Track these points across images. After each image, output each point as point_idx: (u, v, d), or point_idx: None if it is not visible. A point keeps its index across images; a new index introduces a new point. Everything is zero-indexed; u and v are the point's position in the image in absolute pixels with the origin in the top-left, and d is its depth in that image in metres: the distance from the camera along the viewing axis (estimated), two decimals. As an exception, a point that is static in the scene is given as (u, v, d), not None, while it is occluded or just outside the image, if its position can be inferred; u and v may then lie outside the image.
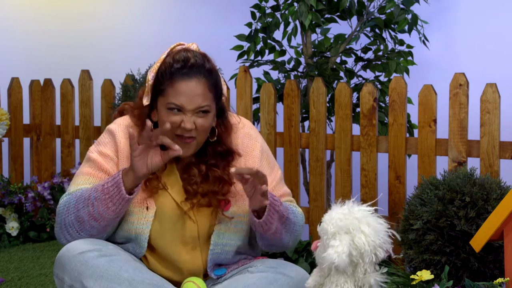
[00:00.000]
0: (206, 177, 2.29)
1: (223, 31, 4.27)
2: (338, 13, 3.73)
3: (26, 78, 4.34)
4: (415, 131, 3.65)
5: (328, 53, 3.75)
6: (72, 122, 4.18)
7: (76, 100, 4.19)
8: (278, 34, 3.89)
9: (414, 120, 3.66)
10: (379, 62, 3.70)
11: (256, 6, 3.73)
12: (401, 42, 3.74)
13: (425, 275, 2.29)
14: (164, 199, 2.29)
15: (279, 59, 3.85)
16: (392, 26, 3.68)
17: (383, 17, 3.68)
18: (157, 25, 4.61)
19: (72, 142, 4.19)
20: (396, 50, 3.71)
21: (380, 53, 3.72)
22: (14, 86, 4.27)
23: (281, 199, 2.37)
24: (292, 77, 3.78)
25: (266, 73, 3.84)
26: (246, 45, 3.81)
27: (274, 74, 3.98)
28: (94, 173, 2.28)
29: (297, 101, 3.52)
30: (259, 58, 3.83)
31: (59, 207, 2.25)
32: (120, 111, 2.41)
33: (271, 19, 3.67)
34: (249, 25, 3.77)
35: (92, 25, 4.75)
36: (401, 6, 3.58)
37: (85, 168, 2.31)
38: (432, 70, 3.94)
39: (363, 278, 2.00)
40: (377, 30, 3.72)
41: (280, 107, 3.73)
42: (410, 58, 3.70)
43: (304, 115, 3.75)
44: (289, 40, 3.74)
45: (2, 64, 4.67)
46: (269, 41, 3.78)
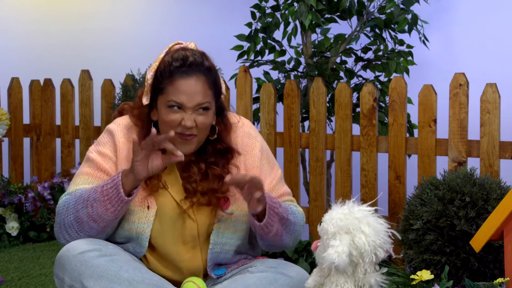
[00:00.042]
0: (206, 175, 2.29)
1: (223, 31, 4.27)
2: (338, 13, 3.73)
3: (26, 78, 4.34)
4: (415, 131, 3.65)
5: (328, 53, 3.75)
6: (72, 122, 4.18)
7: (76, 100, 4.19)
8: (278, 34, 3.89)
9: (414, 120, 3.66)
10: (379, 62, 3.70)
11: (256, 6, 3.73)
12: (401, 42, 3.74)
13: (425, 275, 2.29)
14: (165, 198, 2.29)
15: (279, 59, 3.85)
16: (392, 26, 3.68)
17: (383, 17, 3.68)
18: (157, 25, 4.61)
19: (72, 142, 4.19)
20: (396, 50, 3.71)
21: (380, 53, 3.72)
22: (14, 86, 4.27)
23: (281, 198, 2.37)
24: (292, 77, 3.78)
25: (266, 73, 3.83)
26: (246, 45, 3.81)
27: (274, 74, 3.98)
28: (93, 173, 2.29)
29: (297, 101, 3.52)
30: (259, 58, 3.83)
31: (58, 207, 2.25)
32: (119, 111, 2.41)
33: (271, 19, 3.67)
34: (249, 25, 3.77)
35: (92, 25, 4.75)
36: (401, 6, 3.58)
37: (85, 168, 2.31)
38: (432, 70, 3.94)
39: (363, 278, 2.00)
40: (377, 30, 3.72)
41: (280, 107, 3.73)
42: (410, 58, 3.70)
43: (304, 115, 3.75)
44: (289, 40, 3.73)
45: (2, 64, 4.67)
46: (269, 41, 3.78)
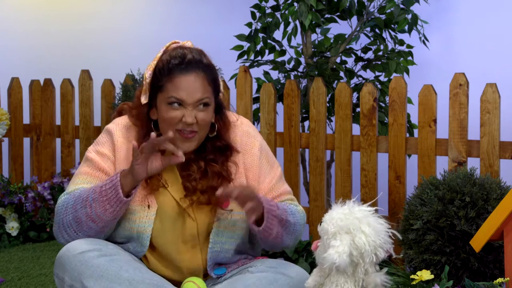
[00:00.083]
0: (205, 173, 2.29)
1: (223, 31, 4.27)
2: (338, 13, 3.73)
3: (26, 78, 4.34)
4: (415, 131, 3.65)
5: (328, 53, 3.75)
6: (72, 122, 4.18)
7: (76, 100, 4.19)
8: (278, 34, 3.89)
9: (414, 120, 3.66)
10: (379, 62, 3.70)
11: (256, 6, 3.73)
12: (401, 42, 3.74)
13: (425, 275, 2.29)
14: (165, 197, 2.29)
15: (279, 59, 3.85)
16: (392, 26, 3.68)
17: (383, 17, 3.68)
18: (157, 25, 4.61)
19: (72, 142, 4.19)
20: (396, 50, 3.71)
21: (380, 53, 3.72)
22: (14, 86, 4.27)
23: (281, 197, 2.37)
24: (292, 77, 3.78)
25: (266, 73, 3.83)
26: (246, 45, 3.81)
27: (274, 74, 3.98)
28: (92, 172, 2.29)
29: (297, 101, 3.52)
30: (259, 58, 3.83)
31: (57, 206, 2.25)
32: (118, 111, 2.42)
33: (271, 19, 3.67)
34: (249, 25, 3.77)
35: (92, 25, 4.75)
36: (401, 6, 3.58)
37: (84, 168, 2.31)
38: (432, 70, 3.94)
39: (368, 277, 2.00)
40: (377, 30, 3.72)
41: (280, 107, 3.72)
42: (410, 58, 3.70)
43: (304, 115, 3.75)
44: (289, 40, 3.73)
45: (2, 64, 4.67)
46: (269, 41, 3.78)
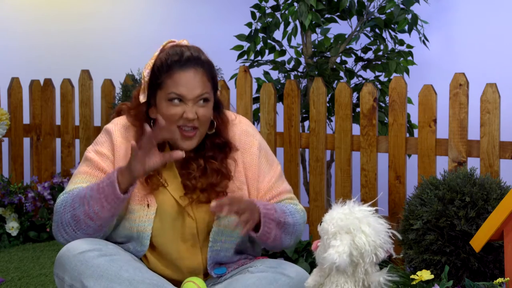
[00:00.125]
0: (205, 171, 2.29)
1: (223, 31, 4.27)
2: (338, 13, 3.73)
3: (26, 78, 4.34)
4: (415, 131, 3.65)
5: (328, 53, 3.75)
6: (72, 122, 4.18)
7: (76, 100, 4.19)
8: (278, 34, 3.89)
9: (414, 120, 3.66)
10: (379, 62, 3.70)
11: (256, 6, 3.73)
12: (401, 42, 3.74)
13: (425, 275, 2.29)
14: (164, 196, 2.29)
15: (279, 59, 3.84)
16: (392, 26, 3.68)
17: (383, 17, 3.68)
18: (157, 25, 4.61)
19: (72, 142, 4.19)
20: (396, 50, 3.71)
21: (380, 53, 3.72)
22: (14, 86, 4.27)
23: (280, 196, 2.38)
24: (292, 77, 3.78)
25: (266, 73, 3.83)
26: (246, 45, 3.81)
27: (274, 74, 3.98)
28: (91, 172, 2.29)
29: (297, 101, 3.52)
30: (259, 58, 3.83)
31: (56, 205, 2.26)
32: (117, 111, 2.42)
33: (271, 19, 3.67)
34: (249, 25, 3.77)
35: (92, 25, 4.75)
36: (401, 6, 3.58)
37: (83, 167, 2.32)
38: (432, 70, 3.94)
39: (371, 276, 2.00)
40: (377, 30, 3.72)
41: (280, 107, 3.72)
42: (410, 58, 3.69)
43: (304, 115, 3.75)
44: (289, 40, 3.73)
45: (2, 64, 4.67)
46: (269, 41, 3.78)
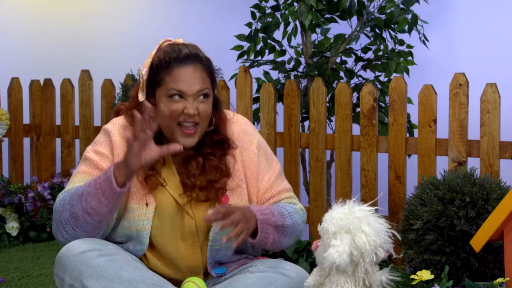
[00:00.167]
0: (204, 168, 2.29)
1: (223, 31, 4.26)
2: (338, 13, 3.73)
3: (26, 78, 4.34)
4: (415, 131, 3.65)
5: (328, 53, 3.75)
6: (72, 122, 4.18)
7: (76, 100, 4.19)
8: (278, 34, 3.89)
9: (414, 120, 3.66)
10: (379, 62, 3.70)
11: (256, 6, 3.73)
12: (401, 42, 3.74)
13: (425, 275, 2.28)
14: (163, 195, 2.29)
15: (279, 59, 3.84)
16: (392, 26, 3.68)
17: (383, 17, 3.68)
18: (157, 25, 4.61)
19: (72, 142, 4.19)
20: (396, 50, 3.71)
21: (380, 53, 3.72)
22: (14, 86, 4.27)
23: (280, 195, 2.38)
24: (292, 77, 3.78)
25: (266, 73, 3.83)
26: (246, 45, 3.81)
27: (274, 74, 3.98)
28: (90, 171, 2.29)
29: (297, 101, 3.52)
30: (259, 58, 3.83)
31: (55, 205, 2.26)
32: (116, 111, 2.42)
33: (271, 19, 3.67)
34: (249, 25, 3.77)
35: (92, 25, 4.75)
36: (401, 6, 3.58)
37: (82, 167, 2.32)
38: (432, 70, 3.94)
39: (372, 275, 2.00)
40: (377, 30, 3.72)
41: (280, 107, 3.72)
42: (410, 58, 3.69)
43: (304, 115, 3.75)
44: (289, 40, 3.73)
45: (2, 64, 4.67)
46: (269, 41, 3.78)
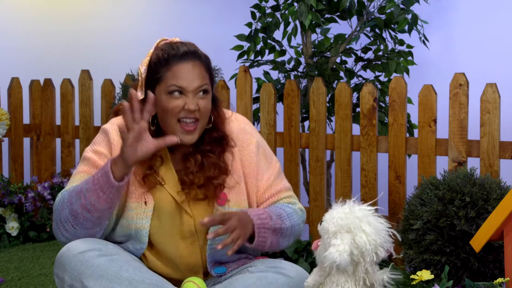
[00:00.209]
0: (202, 166, 2.29)
1: (223, 31, 4.27)
2: (338, 13, 3.73)
3: (26, 78, 4.34)
4: (415, 131, 3.65)
5: (328, 53, 3.75)
6: (72, 122, 4.18)
7: (76, 100, 4.19)
8: (278, 34, 3.89)
9: (414, 120, 3.66)
10: (379, 62, 3.70)
11: (256, 6, 3.73)
12: (401, 42, 3.74)
13: (425, 275, 2.28)
14: (161, 193, 2.30)
15: (279, 59, 3.85)
16: (392, 26, 3.68)
17: (383, 17, 3.68)
18: (157, 25, 4.61)
19: (72, 142, 4.19)
20: (396, 50, 3.71)
21: (380, 53, 3.72)
22: (14, 86, 4.27)
23: (279, 195, 2.38)
24: (292, 77, 3.78)
25: (266, 73, 3.83)
26: (246, 45, 3.81)
27: (274, 74, 3.98)
28: (90, 170, 2.30)
29: (297, 101, 3.52)
30: (259, 58, 3.83)
31: (54, 204, 2.27)
32: (115, 111, 2.42)
33: (271, 19, 3.67)
34: (249, 25, 3.77)
35: (92, 25, 4.75)
36: (401, 6, 3.58)
37: (81, 167, 2.33)
38: (432, 70, 3.94)
39: (374, 275, 2.00)
40: (377, 30, 3.72)
41: (280, 107, 3.73)
42: (410, 58, 3.70)
43: (304, 115, 3.75)
44: (289, 40, 3.74)
45: (2, 64, 4.67)
46: (269, 41, 3.78)
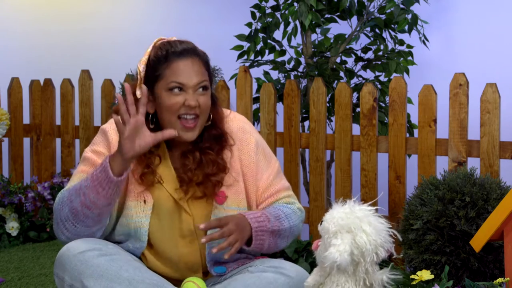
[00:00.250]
0: (201, 163, 2.29)
1: (223, 31, 4.27)
2: (338, 13, 3.73)
3: (26, 78, 4.34)
4: (415, 131, 3.65)
5: (328, 53, 3.75)
6: (72, 122, 4.18)
7: (76, 100, 4.19)
8: (278, 34, 3.89)
9: (414, 120, 3.66)
10: (379, 62, 3.70)
11: (256, 6, 3.73)
12: (401, 42, 3.74)
13: (425, 275, 2.29)
14: (160, 192, 2.30)
15: (279, 59, 3.85)
16: (392, 26, 3.68)
17: (383, 17, 3.68)
18: (157, 25, 4.61)
19: (72, 142, 4.19)
20: (396, 50, 3.71)
21: (380, 53, 3.72)
22: (14, 86, 4.27)
23: (278, 195, 2.38)
24: (292, 77, 3.78)
25: (266, 73, 3.83)
26: (246, 45, 3.81)
27: (274, 74, 3.98)
28: (89, 170, 2.30)
29: (297, 101, 3.52)
30: (259, 58, 3.83)
31: (55, 204, 2.27)
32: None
33: (271, 19, 3.67)
34: (249, 25, 3.77)
35: (92, 25, 4.75)
36: (401, 6, 3.58)
37: (81, 167, 2.33)
38: (432, 70, 3.94)
39: (373, 275, 2.00)
40: (377, 30, 3.72)
41: (280, 107, 3.73)
42: (410, 58, 3.70)
43: (304, 115, 3.75)
44: (289, 40, 3.74)
45: (2, 64, 4.67)
46: (269, 41, 3.78)
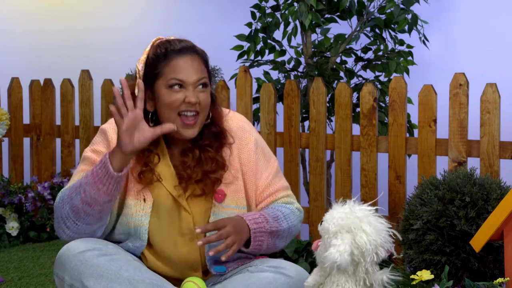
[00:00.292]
0: (200, 160, 2.29)
1: (223, 31, 4.27)
2: (338, 13, 3.73)
3: (26, 78, 4.34)
4: (415, 131, 3.65)
5: (328, 53, 3.75)
6: (72, 122, 4.18)
7: (76, 100, 4.19)
8: (278, 34, 3.89)
9: (414, 120, 3.66)
10: (379, 62, 3.70)
11: (256, 6, 3.74)
12: (401, 42, 3.74)
13: (425, 275, 2.29)
14: (160, 190, 2.30)
15: (279, 59, 3.85)
16: (392, 26, 3.68)
17: (383, 17, 3.68)
18: (157, 25, 4.61)
19: (72, 142, 4.19)
20: (396, 50, 3.71)
21: (380, 53, 3.72)
22: (14, 86, 4.27)
23: (277, 194, 2.39)
24: (292, 77, 3.79)
25: (266, 73, 3.84)
26: (246, 45, 3.81)
27: (274, 74, 3.98)
28: (89, 169, 2.29)
29: (297, 101, 3.52)
30: (259, 58, 3.83)
31: (55, 203, 2.27)
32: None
33: (271, 19, 3.67)
34: (249, 25, 3.77)
35: (92, 25, 4.75)
36: (401, 6, 3.58)
37: (81, 167, 2.33)
38: (432, 70, 3.94)
39: (373, 275, 2.00)
40: (377, 30, 3.72)
41: (280, 107, 3.73)
42: (410, 58, 3.70)
43: (304, 115, 3.75)
44: (289, 40, 3.74)
45: (2, 64, 4.67)
46: (269, 41, 3.78)
